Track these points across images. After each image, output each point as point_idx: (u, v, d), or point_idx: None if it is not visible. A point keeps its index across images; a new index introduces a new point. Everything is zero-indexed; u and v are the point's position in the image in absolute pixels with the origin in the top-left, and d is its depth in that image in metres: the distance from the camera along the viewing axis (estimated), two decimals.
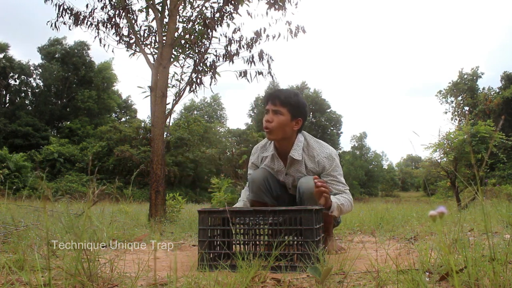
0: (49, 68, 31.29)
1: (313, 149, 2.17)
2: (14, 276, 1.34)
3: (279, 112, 2.09)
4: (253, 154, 2.38)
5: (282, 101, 2.08)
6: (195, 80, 5.14)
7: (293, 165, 2.19)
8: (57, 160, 24.12)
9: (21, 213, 3.26)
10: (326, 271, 1.27)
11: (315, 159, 2.15)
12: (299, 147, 2.17)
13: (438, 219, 0.66)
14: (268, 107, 2.13)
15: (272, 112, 2.10)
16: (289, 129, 2.12)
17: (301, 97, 2.17)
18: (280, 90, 2.16)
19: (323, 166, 2.14)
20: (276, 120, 2.08)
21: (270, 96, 2.13)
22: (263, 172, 2.22)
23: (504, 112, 22.29)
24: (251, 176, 2.22)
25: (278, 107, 2.09)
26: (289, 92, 2.13)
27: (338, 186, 2.15)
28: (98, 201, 2.08)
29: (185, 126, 26.96)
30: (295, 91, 2.18)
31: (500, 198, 6.98)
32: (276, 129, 2.10)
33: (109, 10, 5.07)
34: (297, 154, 2.15)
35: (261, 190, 2.17)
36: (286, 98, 2.09)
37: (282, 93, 2.11)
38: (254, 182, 2.18)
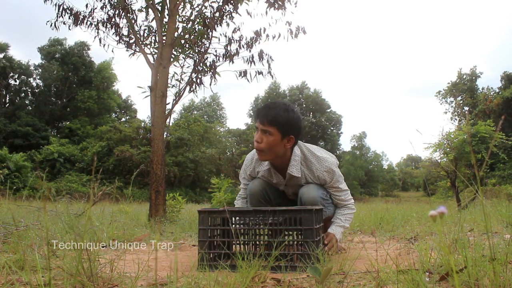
0: (48, 68, 31.30)
1: (311, 164, 2.09)
2: (14, 276, 1.34)
3: (268, 132, 1.96)
4: (247, 166, 2.26)
5: (270, 120, 1.94)
6: (195, 80, 5.14)
7: (292, 179, 2.15)
8: (57, 160, 24.13)
9: (21, 213, 3.26)
10: (326, 271, 1.27)
11: (314, 174, 2.10)
12: (297, 162, 2.08)
13: (438, 219, 0.66)
14: (257, 125, 1.99)
15: (261, 132, 1.98)
16: (281, 148, 2.01)
17: (293, 111, 2.00)
18: (269, 106, 2.01)
19: (323, 179, 2.10)
20: (265, 141, 1.97)
21: (258, 114, 1.99)
22: (260, 183, 2.17)
23: (504, 112, 22.29)
24: (249, 189, 2.17)
25: (267, 127, 1.95)
26: (279, 109, 1.97)
27: (341, 196, 2.17)
28: (98, 201, 2.08)
29: (185, 126, 26.97)
30: (286, 106, 2.00)
31: (500, 198, 6.98)
32: (266, 150, 1.99)
33: (108, 10, 5.08)
34: (295, 170, 2.08)
35: (261, 202, 2.16)
36: (274, 117, 1.94)
37: (271, 111, 1.96)
38: (253, 195, 2.15)
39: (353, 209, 2.21)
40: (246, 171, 2.28)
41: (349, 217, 2.19)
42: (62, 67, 31.44)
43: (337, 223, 2.14)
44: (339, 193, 2.16)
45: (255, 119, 2.03)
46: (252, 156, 2.25)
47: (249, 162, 2.26)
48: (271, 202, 2.19)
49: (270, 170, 2.17)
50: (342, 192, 2.17)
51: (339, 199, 2.16)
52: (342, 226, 2.14)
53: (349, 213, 2.19)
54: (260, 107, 2.05)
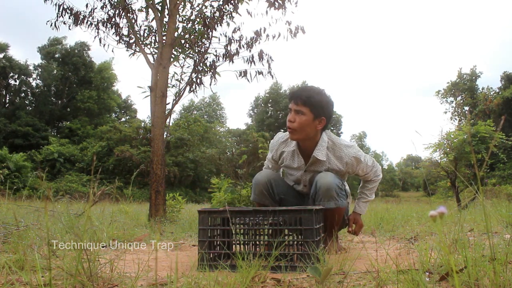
0: (48, 68, 31.29)
1: (340, 150, 2.15)
2: (14, 276, 1.34)
3: (301, 112, 2.05)
4: (272, 149, 2.33)
5: (303, 100, 2.04)
6: (195, 80, 5.14)
7: (314, 164, 2.18)
8: (57, 160, 24.13)
9: (21, 213, 3.26)
10: (326, 271, 1.27)
11: (343, 160, 2.15)
12: (323, 147, 2.14)
13: (438, 219, 0.66)
14: (291, 106, 2.09)
15: (294, 112, 2.07)
16: (312, 129, 2.09)
17: (325, 95, 2.11)
18: (303, 88, 2.12)
19: (351, 164, 2.16)
20: (298, 120, 2.05)
21: (292, 95, 2.10)
22: (267, 175, 2.21)
23: (504, 112, 22.28)
24: (255, 179, 2.22)
25: (300, 107, 2.05)
26: (312, 91, 2.08)
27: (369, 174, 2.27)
28: (98, 201, 2.09)
29: (185, 126, 26.96)
30: (319, 89, 2.11)
31: (500, 198, 6.98)
32: (298, 130, 2.07)
33: (109, 9, 5.08)
34: (321, 154, 2.13)
35: (263, 193, 2.17)
36: (308, 98, 2.04)
37: (304, 92, 2.07)
38: (257, 184, 2.18)
39: (378, 179, 2.31)
40: (270, 154, 2.35)
41: (374, 189, 2.31)
42: (62, 67, 31.43)
43: (363, 198, 2.28)
44: (370, 170, 2.25)
45: (289, 100, 2.12)
46: (279, 138, 2.31)
47: (274, 143, 2.31)
48: (274, 196, 2.20)
49: (294, 152, 2.21)
50: (371, 168, 2.25)
51: (368, 175, 2.27)
52: (367, 200, 2.28)
53: (374, 186, 2.31)
54: (294, 89, 2.17)
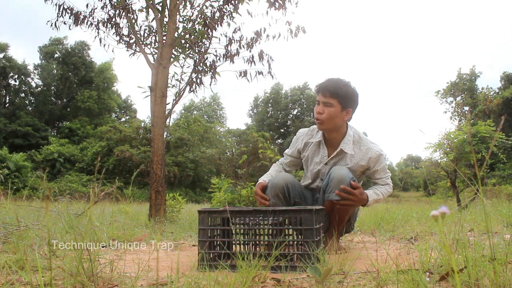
0: (47, 68, 31.28)
1: (367, 144, 2.21)
2: (14, 276, 1.34)
3: (329, 103, 2.10)
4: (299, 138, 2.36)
5: (331, 92, 2.09)
6: (195, 80, 5.15)
7: (338, 157, 2.21)
8: (57, 160, 24.12)
9: (21, 213, 3.26)
10: (326, 271, 1.27)
11: (367, 154, 2.19)
12: (350, 141, 2.19)
13: (440, 219, 0.66)
14: (319, 98, 2.14)
15: (322, 104, 2.12)
16: (340, 120, 2.14)
17: (351, 87, 2.16)
18: (330, 80, 2.15)
19: (374, 162, 2.20)
20: (327, 112, 2.10)
21: (320, 88, 2.14)
22: (284, 177, 2.20)
23: (504, 112, 22.28)
24: (272, 181, 2.19)
25: (328, 99, 2.10)
26: (339, 83, 2.12)
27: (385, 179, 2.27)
28: (98, 201, 2.09)
29: (185, 126, 26.96)
30: (345, 81, 2.16)
31: (500, 198, 6.98)
32: (327, 120, 2.12)
33: (109, 9, 5.08)
34: (348, 148, 2.18)
35: (279, 197, 2.16)
36: (335, 89, 2.09)
37: (332, 84, 2.11)
38: (273, 187, 2.16)
39: (391, 189, 2.29)
40: (296, 145, 2.36)
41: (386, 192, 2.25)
42: (62, 67, 31.43)
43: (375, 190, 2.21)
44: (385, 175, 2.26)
45: (317, 93, 2.17)
46: (302, 132, 2.37)
47: (302, 134, 2.36)
48: (289, 200, 2.19)
49: (320, 143, 2.25)
50: (387, 174, 2.28)
51: (382, 180, 2.26)
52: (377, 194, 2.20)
53: (387, 189, 2.26)
54: (321, 82, 2.17)
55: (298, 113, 44.44)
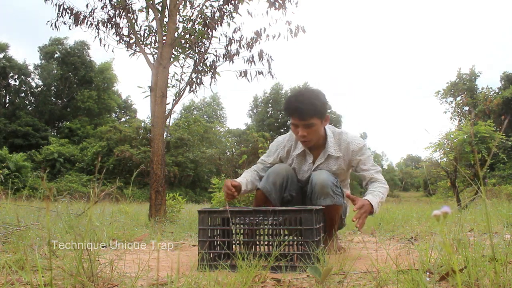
0: (47, 68, 31.27)
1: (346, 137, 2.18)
2: (14, 276, 1.34)
3: (309, 124, 2.03)
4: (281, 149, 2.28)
5: (310, 114, 2.00)
6: (195, 80, 5.15)
7: (327, 161, 2.19)
8: (57, 160, 24.12)
9: (21, 213, 3.26)
10: (326, 271, 1.27)
11: (349, 150, 2.16)
12: (333, 142, 2.17)
13: (441, 219, 0.66)
14: (296, 122, 2.04)
15: (303, 127, 2.04)
16: (322, 130, 2.13)
17: (320, 93, 2.08)
18: (300, 100, 2.01)
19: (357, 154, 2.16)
20: (311, 132, 2.06)
21: (294, 111, 2.02)
22: (286, 168, 2.17)
23: (504, 112, 22.27)
24: (274, 169, 2.14)
25: (308, 121, 2.02)
26: (311, 99, 2.01)
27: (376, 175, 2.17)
28: (98, 201, 2.09)
29: (185, 126, 26.95)
30: (315, 93, 2.06)
31: (500, 198, 6.98)
32: (313, 138, 2.09)
33: (109, 10, 5.08)
34: (334, 150, 2.16)
35: (275, 186, 2.09)
36: (312, 109, 2.00)
37: (306, 105, 1.99)
38: (276, 174, 2.11)
39: (386, 185, 2.16)
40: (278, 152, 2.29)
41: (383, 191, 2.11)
42: (61, 66, 31.42)
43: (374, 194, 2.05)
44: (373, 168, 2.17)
45: (290, 115, 2.06)
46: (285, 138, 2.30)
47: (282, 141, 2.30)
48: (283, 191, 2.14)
49: (305, 151, 2.22)
50: (376, 167, 2.19)
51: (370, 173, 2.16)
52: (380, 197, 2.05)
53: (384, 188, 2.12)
54: (290, 103, 2.04)
55: None
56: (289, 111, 2.06)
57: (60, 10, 5.06)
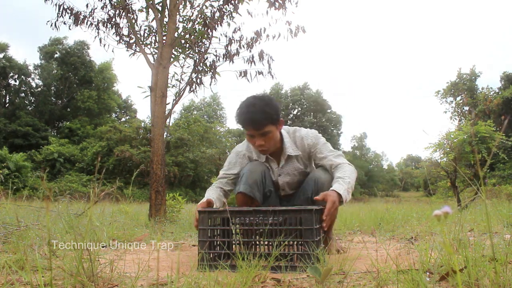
0: (47, 68, 31.27)
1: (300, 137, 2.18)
2: (14, 276, 1.34)
3: (266, 132, 2.01)
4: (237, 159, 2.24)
5: (264, 123, 1.98)
6: (195, 80, 5.15)
7: (289, 162, 2.19)
8: (57, 160, 24.11)
9: (21, 213, 3.26)
10: (326, 271, 1.27)
11: (304, 144, 2.17)
12: (289, 142, 2.18)
13: (442, 219, 0.66)
14: (251, 132, 2.02)
15: (259, 136, 2.02)
16: (278, 135, 2.12)
17: (272, 100, 2.04)
18: (252, 111, 1.97)
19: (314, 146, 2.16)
20: (268, 140, 2.04)
21: (249, 123, 1.99)
22: (261, 165, 2.16)
23: (504, 112, 22.27)
24: (249, 168, 2.12)
25: (263, 130, 1.99)
26: (264, 107, 1.97)
27: (336, 159, 2.12)
28: (98, 201, 2.08)
29: (185, 126, 26.95)
30: (265, 100, 2.01)
31: (500, 198, 6.98)
32: (271, 146, 2.08)
33: (109, 10, 5.08)
34: (292, 150, 2.17)
35: (256, 184, 2.08)
36: (266, 117, 1.97)
37: (259, 114, 1.96)
38: (252, 173, 2.08)
39: (352, 167, 2.10)
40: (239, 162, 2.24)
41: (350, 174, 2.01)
42: (61, 66, 31.42)
43: (339, 181, 1.95)
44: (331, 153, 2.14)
45: (244, 127, 2.03)
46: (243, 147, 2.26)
47: (241, 151, 2.26)
48: (264, 189, 2.14)
49: (267, 158, 2.21)
50: (334, 152, 2.16)
51: (330, 159, 2.12)
52: (346, 182, 1.95)
53: (349, 170, 2.04)
54: (243, 115, 2.00)
55: (298, 113, 44.47)
56: (242, 123, 2.02)
57: (60, 10, 5.06)
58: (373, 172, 43.81)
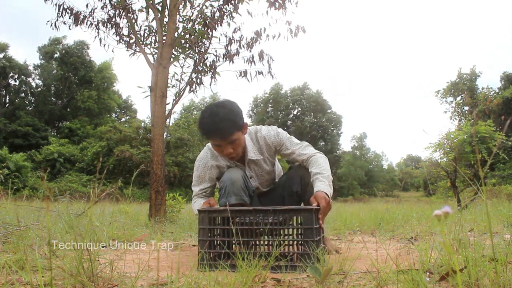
0: (47, 68, 31.28)
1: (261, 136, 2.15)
2: (14, 276, 1.34)
3: (233, 140, 1.96)
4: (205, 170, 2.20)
5: (231, 132, 1.93)
6: (195, 80, 5.15)
7: (253, 165, 2.17)
8: (57, 160, 24.11)
9: (21, 213, 3.26)
10: (326, 271, 1.27)
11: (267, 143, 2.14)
12: (251, 146, 2.14)
13: (442, 219, 0.66)
14: (219, 142, 1.96)
15: (227, 144, 1.97)
16: (244, 140, 2.08)
17: (234, 106, 1.99)
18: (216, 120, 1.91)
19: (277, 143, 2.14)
20: (236, 147, 2.00)
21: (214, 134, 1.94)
22: (239, 171, 2.11)
23: (504, 112, 22.28)
24: (230, 176, 2.05)
25: (230, 138, 1.95)
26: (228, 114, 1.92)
27: (304, 151, 2.11)
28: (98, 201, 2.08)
29: (185, 126, 26.95)
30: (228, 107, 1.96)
31: (500, 198, 6.98)
32: (239, 152, 2.05)
33: (109, 9, 5.08)
34: (253, 154, 2.14)
35: (242, 189, 2.04)
36: (232, 126, 1.93)
37: (224, 123, 1.91)
38: (235, 182, 2.02)
39: (323, 155, 2.10)
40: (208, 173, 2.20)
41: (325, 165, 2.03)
42: (61, 66, 31.42)
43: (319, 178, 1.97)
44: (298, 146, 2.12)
45: (210, 138, 1.98)
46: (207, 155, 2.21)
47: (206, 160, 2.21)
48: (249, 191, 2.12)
49: (235, 164, 2.17)
50: (301, 144, 2.14)
51: (299, 154, 2.10)
52: (326, 177, 1.97)
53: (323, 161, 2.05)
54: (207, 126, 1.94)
55: (298, 113, 44.47)
56: (208, 134, 1.96)
57: (60, 10, 5.06)
58: (373, 172, 43.80)
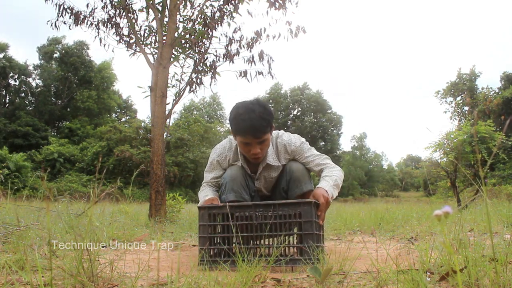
0: (47, 68, 31.28)
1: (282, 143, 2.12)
2: (14, 276, 1.34)
3: (264, 141, 1.95)
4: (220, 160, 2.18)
5: (264, 131, 1.91)
6: (195, 80, 5.15)
7: (267, 170, 2.13)
8: (57, 160, 24.12)
9: (21, 213, 3.26)
10: (326, 271, 1.27)
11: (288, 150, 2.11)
12: (271, 151, 2.11)
13: (443, 219, 0.66)
14: (249, 140, 1.93)
15: (257, 144, 1.94)
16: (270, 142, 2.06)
17: (267, 106, 1.97)
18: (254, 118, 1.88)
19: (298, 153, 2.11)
20: (263, 148, 1.98)
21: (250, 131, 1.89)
22: (241, 170, 2.10)
23: (504, 112, 22.28)
24: (230, 174, 2.05)
25: (262, 138, 1.92)
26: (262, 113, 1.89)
27: (322, 160, 2.11)
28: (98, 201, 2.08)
29: (185, 126, 26.96)
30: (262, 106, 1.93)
31: (500, 198, 6.99)
32: (264, 154, 2.04)
33: (109, 9, 5.08)
34: (272, 159, 2.10)
35: (242, 187, 2.05)
36: (266, 126, 1.91)
37: (259, 121, 1.88)
38: (235, 180, 2.03)
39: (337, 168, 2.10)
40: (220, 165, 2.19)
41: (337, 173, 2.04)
42: (61, 66, 31.42)
43: (325, 178, 1.99)
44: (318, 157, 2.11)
45: (243, 135, 1.92)
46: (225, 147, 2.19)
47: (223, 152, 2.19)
48: (249, 190, 2.12)
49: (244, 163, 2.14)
50: (321, 156, 2.14)
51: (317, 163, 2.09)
52: (333, 179, 1.98)
53: (336, 170, 2.06)
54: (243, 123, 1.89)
55: (298, 113, 44.48)
56: (242, 131, 1.91)
57: (60, 10, 5.06)
58: (373, 172, 43.80)
